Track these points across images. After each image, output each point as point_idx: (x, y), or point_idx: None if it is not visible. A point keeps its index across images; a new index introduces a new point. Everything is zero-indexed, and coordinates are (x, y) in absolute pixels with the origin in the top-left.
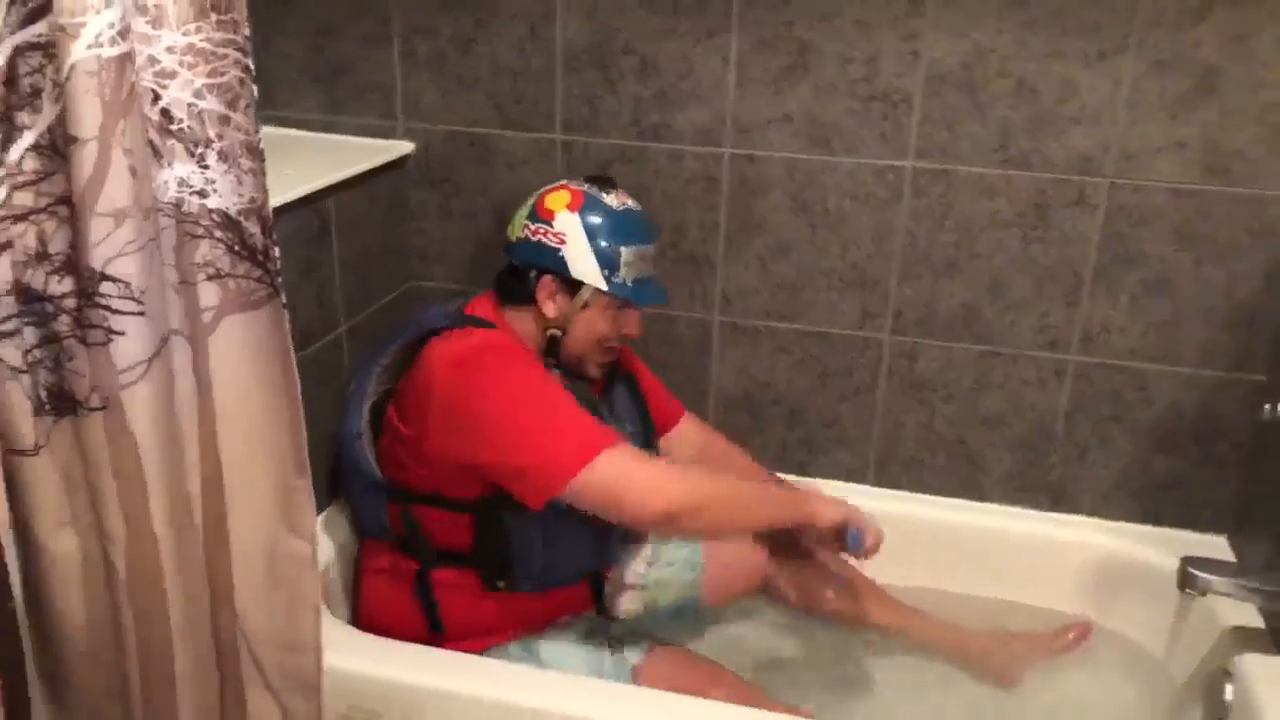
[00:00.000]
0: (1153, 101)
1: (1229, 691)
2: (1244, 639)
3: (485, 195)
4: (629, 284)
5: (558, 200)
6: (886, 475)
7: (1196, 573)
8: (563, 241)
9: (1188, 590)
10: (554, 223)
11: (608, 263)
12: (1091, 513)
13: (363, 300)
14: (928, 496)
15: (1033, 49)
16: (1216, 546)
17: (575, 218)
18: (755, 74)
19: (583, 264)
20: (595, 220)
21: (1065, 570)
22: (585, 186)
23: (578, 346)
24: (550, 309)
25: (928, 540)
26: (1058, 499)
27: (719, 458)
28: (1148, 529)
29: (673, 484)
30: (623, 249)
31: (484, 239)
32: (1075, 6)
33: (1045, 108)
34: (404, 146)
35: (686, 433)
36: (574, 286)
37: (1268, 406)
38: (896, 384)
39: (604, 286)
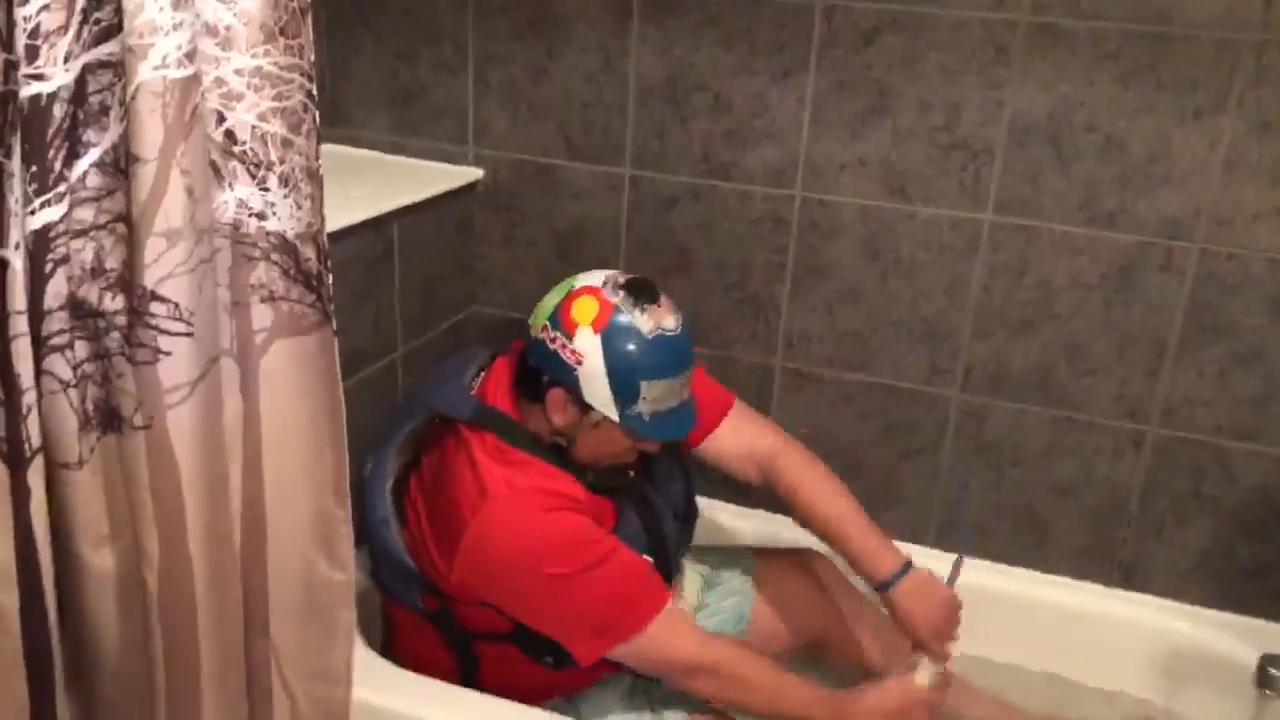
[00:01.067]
0: (1252, 165)
1: None
2: None
3: (550, 224)
4: (645, 418)
5: (584, 312)
6: (948, 538)
7: (1277, 673)
8: (579, 362)
9: (1266, 691)
10: (574, 338)
11: (625, 394)
12: (1165, 594)
13: (423, 324)
14: (990, 563)
15: (1124, 104)
16: None
17: (597, 341)
18: (831, 116)
19: (597, 391)
20: (618, 347)
21: (1133, 652)
22: (618, 299)
23: (585, 457)
24: (558, 419)
25: (987, 609)
26: (1129, 576)
27: (783, 467)
28: (1227, 616)
29: (706, 674)
30: (644, 384)
31: (547, 267)
32: (1172, 62)
33: (1135, 166)
34: (473, 173)
35: (737, 431)
36: (585, 406)
37: None
38: (963, 443)
39: (615, 418)
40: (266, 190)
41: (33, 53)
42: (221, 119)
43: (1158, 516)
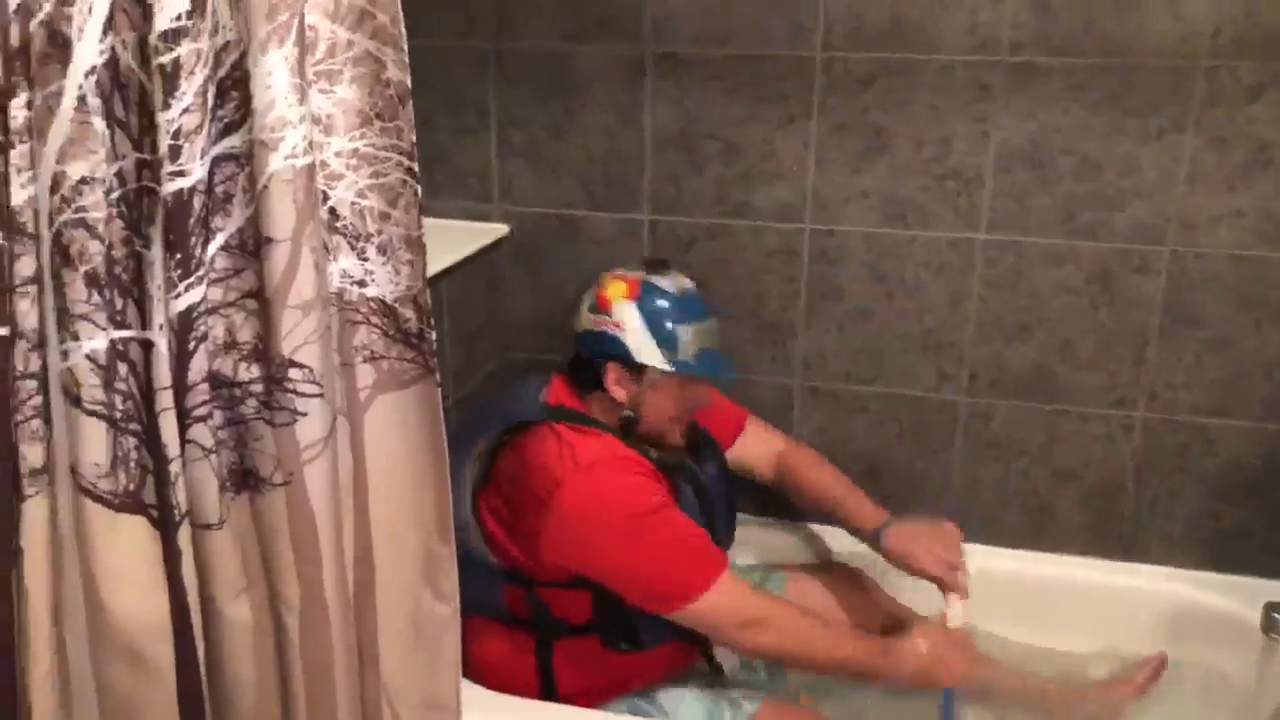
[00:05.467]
0: (1211, 174)
1: None
2: None
3: (574, 271)
4: (692, 361)
5: (615, 290)
6: (964, 530)
7: None
8: (621, 329)
9: (1273, 635)
10: (612, 313)
11: (668, 343)
12: (1163, 562)
13: (466, 375)
14: (1004, 549)
15: (1095, 128)
16: None
17: (632, 305)
18: (834, 155)
19: (644, 348)
20: (651, 305)
21: (1142, 617)
22: (640, 274)
23: (652, 425)
24: (619, 394)
25: (1006, 592)
26: (1129, 549)
27: (787, 460)
28: (1218, 576)
29: (767, 626)
30: (680, 328)
31: (572, 310)
32: (1135, 89)
33: (1108, 182)
34: (500, 229)
35: (752, 438)
36: (639, 370)
37: None
38: (972, 442)
39: (667, 367)
40: (366, 260)
41: (176, 152)
42: (325, 198)
43: (1150, 492)
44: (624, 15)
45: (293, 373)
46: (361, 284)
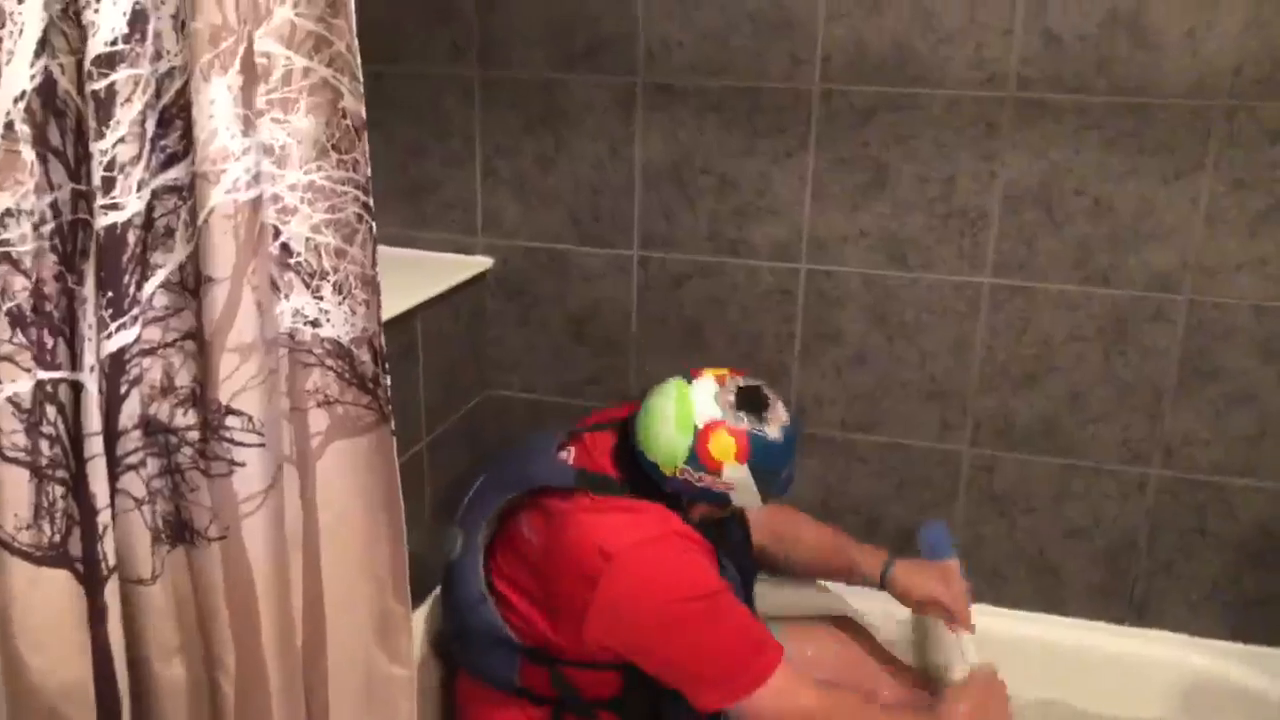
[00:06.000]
0: (1232, 219)
1: None
2: None
3: (562, 306)
4: (781, 488)
5: (723, 449)
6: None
7: None
8: (731, 488)
9: None
10: (722, 474)
11: (773, 486)
12: (1178, 628)
13: (443, 413)
14: (1008, 610)
15: (1109, 169)
16: None
17: (745, 470)
18: (833, 191)
19: (748, 497)
20: (764, 464)
21: (1156, 687)
22: (746, 424)
23: (696, 517)
24: (699, 517)
25: (1009, 656)
26: (1142, 613)
27: (787, 524)
28: (1239, 646)
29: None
30: (784, 472)
31: (559, 347)
32: (1152, 128)
33: (1123, 225)
34: (484, 262)
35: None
36: (730, 502)
37: None
38: (976, 495)
39: (762, 504)
40: (321, 298)
41: (109, 184)
42: (277, 233)
43: (1166, 554)
44: (616, 44)
45: (230, 420)
46: (315, 324)
